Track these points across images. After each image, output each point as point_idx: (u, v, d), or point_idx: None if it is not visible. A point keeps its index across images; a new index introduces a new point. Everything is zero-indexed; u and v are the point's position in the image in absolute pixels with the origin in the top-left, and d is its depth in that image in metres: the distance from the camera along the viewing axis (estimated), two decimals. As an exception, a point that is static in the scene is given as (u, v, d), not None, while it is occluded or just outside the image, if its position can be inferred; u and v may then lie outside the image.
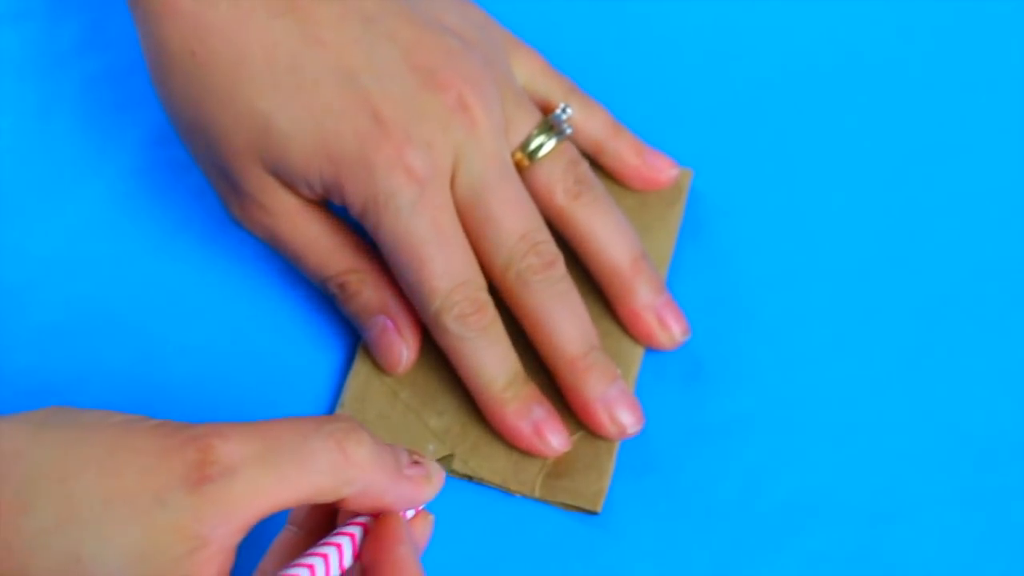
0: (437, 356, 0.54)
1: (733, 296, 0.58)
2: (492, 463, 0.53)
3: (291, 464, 0.41)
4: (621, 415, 0.53)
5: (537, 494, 0.53)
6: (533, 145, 0.54)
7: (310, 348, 0.56)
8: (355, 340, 0.56)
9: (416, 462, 0.45)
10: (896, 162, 0.61)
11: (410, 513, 0.45)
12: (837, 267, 0.58)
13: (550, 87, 0.57)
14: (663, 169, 0.58)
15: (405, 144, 0.51)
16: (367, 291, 0.54)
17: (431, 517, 0.46)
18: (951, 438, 0.55)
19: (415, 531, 0.45)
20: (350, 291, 0.54)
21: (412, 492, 0.44)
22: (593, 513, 0.53)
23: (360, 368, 0.55)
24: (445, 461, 0.47)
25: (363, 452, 0.42)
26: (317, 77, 0.51)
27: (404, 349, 0.54)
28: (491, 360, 0.52)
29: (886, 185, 0.60)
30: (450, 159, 0.52)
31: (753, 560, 0.53)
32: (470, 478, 0.53)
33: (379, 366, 0.54)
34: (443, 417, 0.54)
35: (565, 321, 0.53)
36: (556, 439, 0.53)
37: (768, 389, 0.56)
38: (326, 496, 0.42)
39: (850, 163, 0.61)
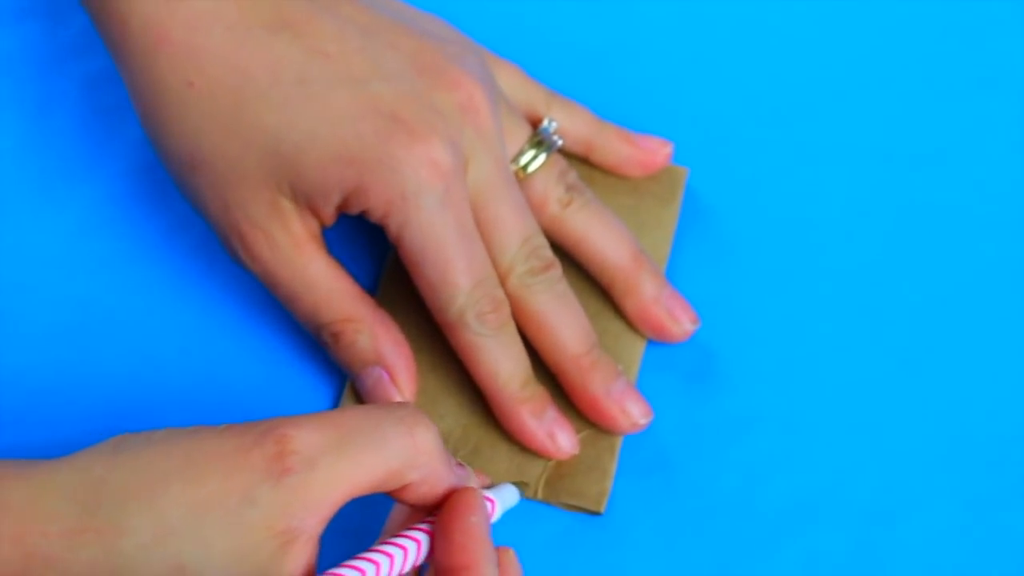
0: (437, 359, 0.54)
1: (732, 295, 0.58)
2: (494, 466, 0.53)
3: (366, 449, 0.43)
4: (631, 407, 0.54)
5: (540, 496, 0.53)
6: (525, 159, 0.55)
7: (310, 348, 0.56)
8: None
9: (459, 464, 0.46)
10: (893, 158, 0.61)
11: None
12: (836, 265, 0.58)
13: (531, 95, 0.58)
14: (656, 150, 0.58)
15: (432, 137, 0.50)
16: (362, 341, 0.53)
17: (512, 552, 0.47)
18: (952, 437, 0.55)
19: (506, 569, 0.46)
20: (345, 341, 0.53)
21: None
22: (596, 514, 0.53)
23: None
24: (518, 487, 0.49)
25: (429, 438, 0.44)
26: (326, 86, 0.50)
27: (399, 400, 0.53)
28: (508, 360, 0.53)
29: (883, 181, 0.60)
30: (464, 157, 0.52)
31: (756, 559, 0.53)
32: (473, 481, 0.54)
33: None
34: (444, 420, 0.54)
35: (567, 321, 0.53)
36: (566, 441, 0.53)
37: (769, 388, 0.56)
38: (395, 481, 0.43)
39: (847, 159, 0.61)
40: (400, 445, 0.43)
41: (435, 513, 0.45)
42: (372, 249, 0.57)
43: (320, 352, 0.56)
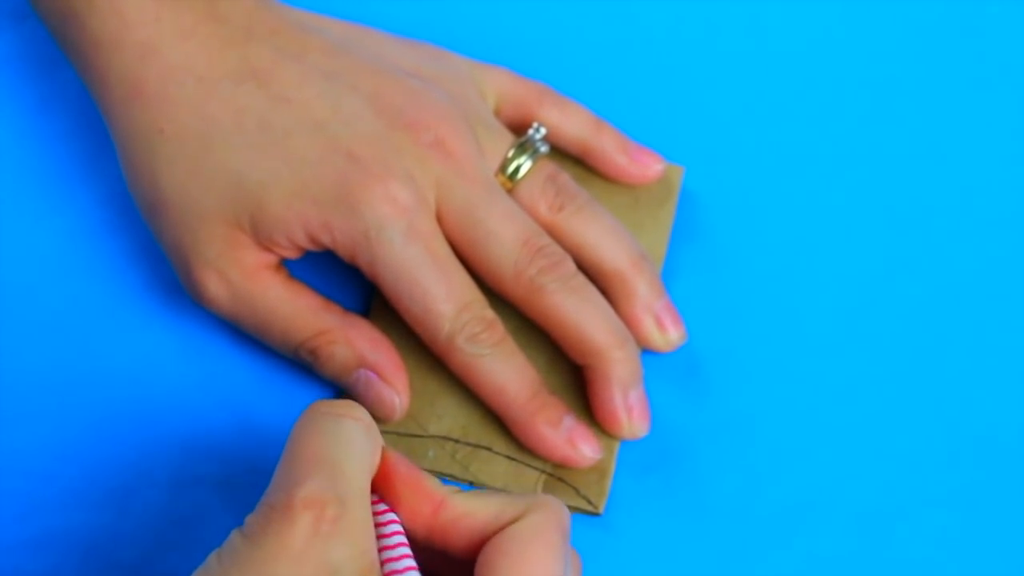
0: (434, 359, 0.54)
1: (730, 294, 0.58)
2: (492, 466, 0.53)
3: (349, 457, 0.43)
4: (637, 420, 0.54)
5: (539, 497, 0.53)
6: (511, 168, 0.55)
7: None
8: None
9: None
10: (889, 158, 0.61)
11: None
12: (833, 264, 0.58)
13: (522, 98, 0.58)
14: (649, 165, 0.58)
15: (387, 177, 0.51)
16: (340, 350, 0.53)
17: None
18: (951, 437, 0.55)
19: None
20: (323, 355, 0.53)
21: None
22: (595, 514, 0.53)
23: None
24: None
25: (365, 413, 0.45)
26: (287, 131, 0.52)
27: (395, 396, 0.53)
28: (512, 373, 0.53)
29: (880, 181, 0.60)
30: (432, 192, 0.52)
31: (755, 559, 0.53)
32: (471, 483, 0.53)
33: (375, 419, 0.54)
34: (443, 421, 0.54)
35: (590, 314, 0.53)
36: (589, 448, 0.53)
37: (767, 387, 0.56)
38: (376, 459, 0.44)
39: (843, 159, 0.60)
40: (359, 436, 0.44)
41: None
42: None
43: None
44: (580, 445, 0.53)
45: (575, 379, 0.55)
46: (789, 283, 0.58)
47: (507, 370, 0.53)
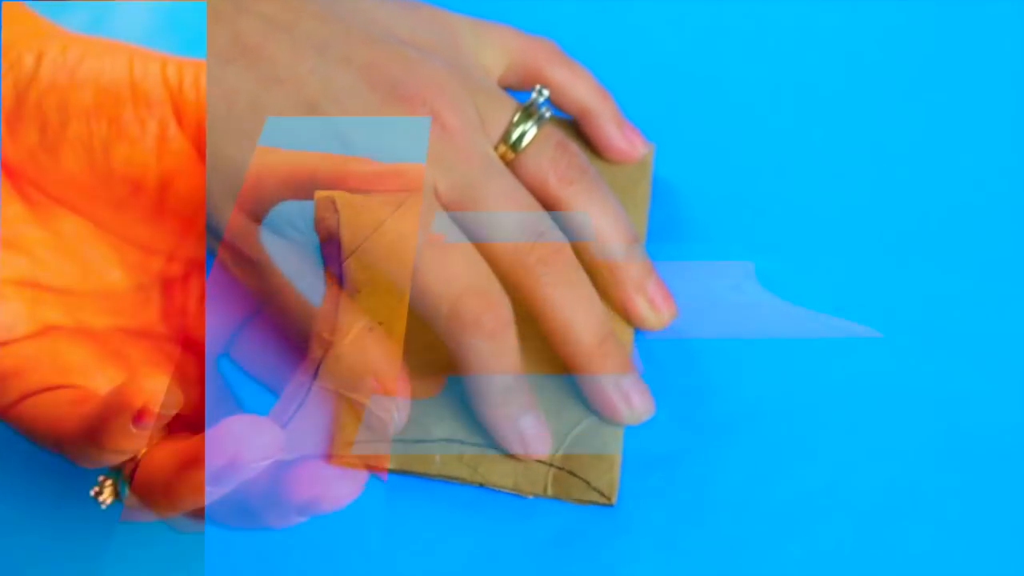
0: (434, 362, 0.53)
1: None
2: (501, 466, 0.53)
3: None
4: (636, 402, 0.53)
5: (550, 492, 0.53)
6: (515, 135, 0.53)
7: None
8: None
9: None
10: (878, 149, 0.61)
11: None
12: (834, 259, 0.59)
13: (531, 54, 0.57)
14: (637, 145, 0.58)
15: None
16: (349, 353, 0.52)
17: None
18: (953, 435, 0.55)
19: None
20: (331, 355, 0.51)
21: None
22: (609, 505, 0.53)
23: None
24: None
25: None
26: (279, 113, 0.51)
27: (394, 411, 0.51)
28: (514, 366, 0.51)
29: (873, 173, 0.61)
30: (428, 170, 0.51)
31: (762, 552, 0.53)
32: (480, 484, 0.53)
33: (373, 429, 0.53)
34: (444, 422, 0.53)
35: (579, 310, 0.52)
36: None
37: (770, 380, 0.56)
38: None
39: (843, 153, 0.61)
40: None
41: None
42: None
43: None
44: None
45: None
46: (791, 278, 0.58)
47: (507, 363, 0.51)
